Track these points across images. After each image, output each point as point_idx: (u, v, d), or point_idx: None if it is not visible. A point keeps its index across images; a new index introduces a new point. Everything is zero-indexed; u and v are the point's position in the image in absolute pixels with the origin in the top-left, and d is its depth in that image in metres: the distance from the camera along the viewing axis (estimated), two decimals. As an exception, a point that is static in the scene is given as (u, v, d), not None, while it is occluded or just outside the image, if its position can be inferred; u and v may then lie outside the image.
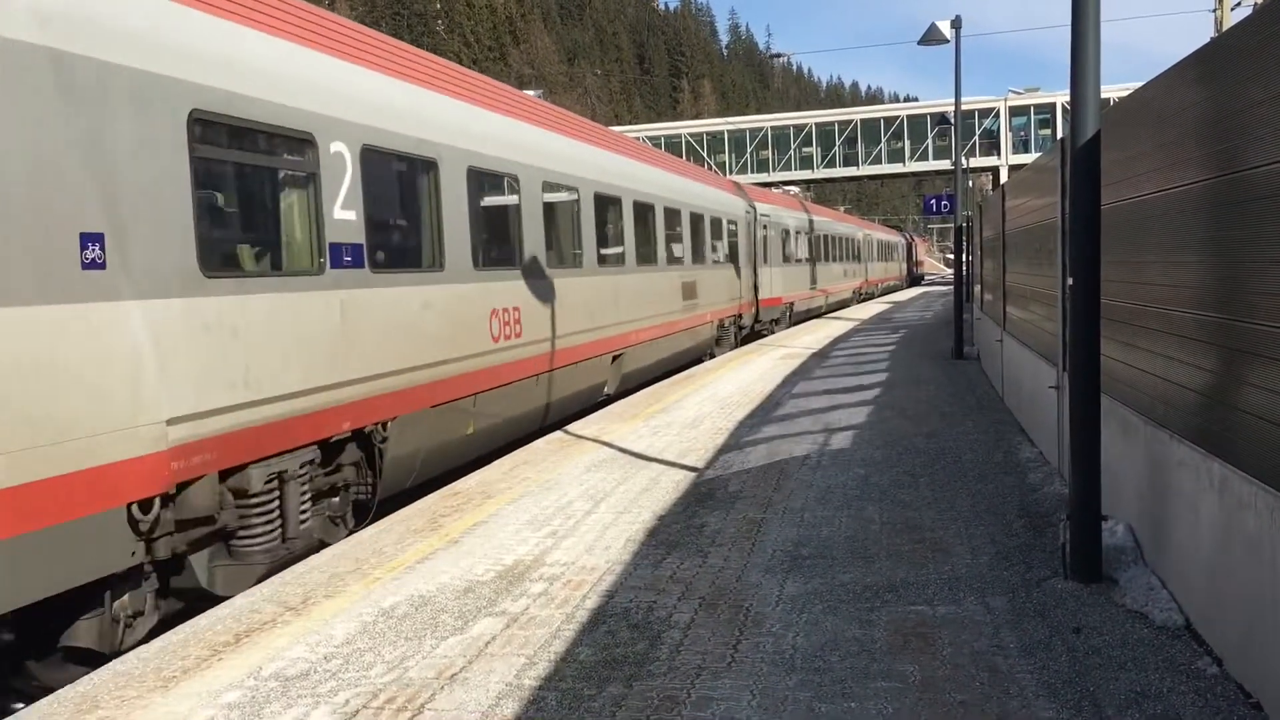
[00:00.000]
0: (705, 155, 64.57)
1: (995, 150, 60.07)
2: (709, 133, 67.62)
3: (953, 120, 21.29)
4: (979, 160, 58.93)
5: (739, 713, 4.18)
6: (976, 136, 59.16)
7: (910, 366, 17.34)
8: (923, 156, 62.43)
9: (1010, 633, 4.94)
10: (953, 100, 20.04)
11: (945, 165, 58.95)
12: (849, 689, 4.36)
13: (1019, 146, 59.36)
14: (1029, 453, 9.39)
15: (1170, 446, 5.19)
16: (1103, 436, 5.68)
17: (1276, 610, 3.83)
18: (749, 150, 65.20)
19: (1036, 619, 5.12)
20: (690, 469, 9.23)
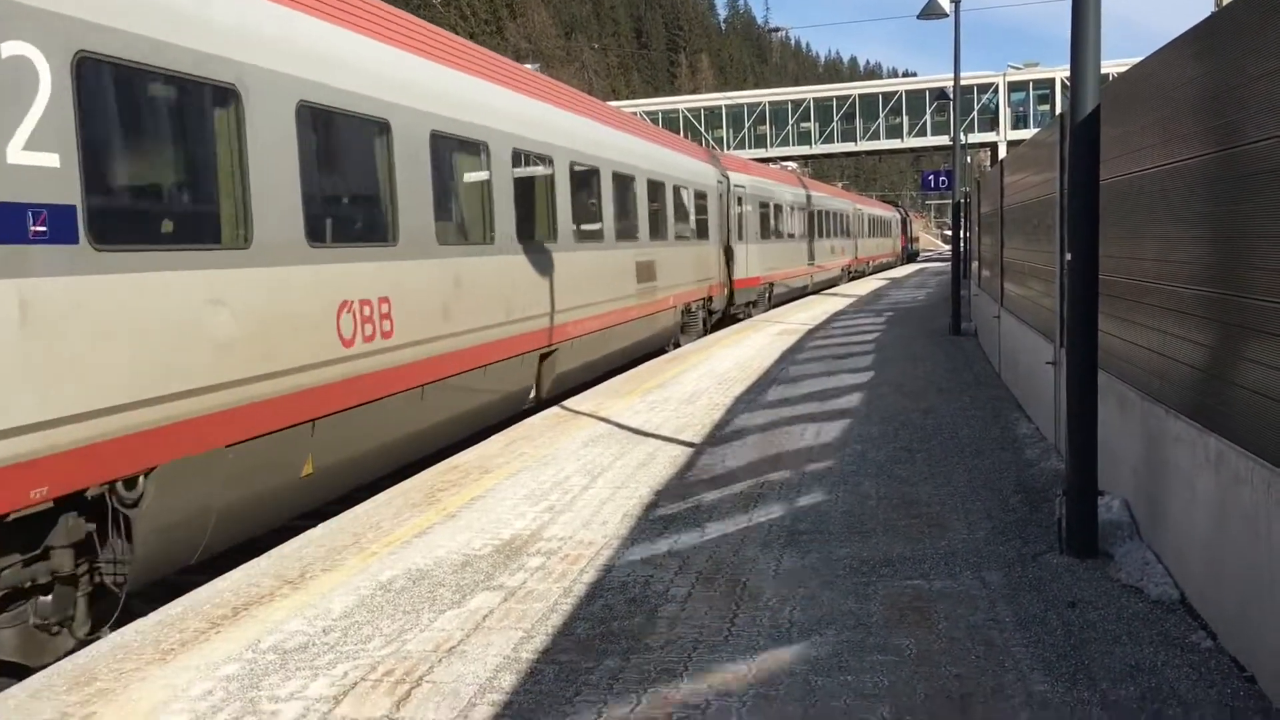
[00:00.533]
0: (703, 131, 64.35)
1: (994, 126, 59.91)
2: (707, 108, 67.33)
3: (952, 96, 21.18)
4: (977, 136, 58.79)
5: (735, 686, 4.21)
6: (975, 112, 58.95)
7: (907, 343, 17.34)
8: (921, 132, 62.26)
9: (1006, 607, 4.97)
10: (952, 75, 19.95)
11: (944, 141, 58.73)
12: (845, 662, 4.38)
13: (1018, 122, 59.21)
14: (1026, 428, 9.41)
15: (1167, 422, 5.20)
16: (1099, 412, 5.69)
17: (1271, 584, 3.85)
18: (747, 125, 64.95)
19: (1032, 593, 5.14)
20: (687, 444, 9.25)
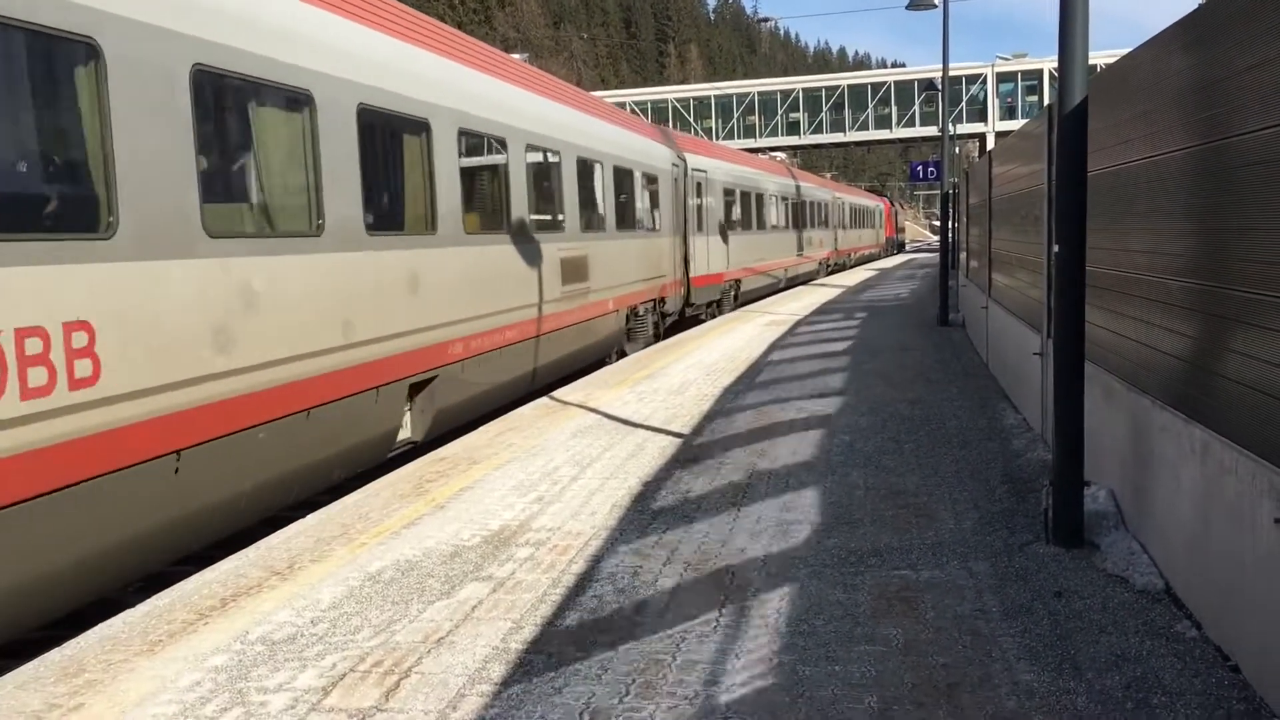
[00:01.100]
0: (692, 121, 64.26)
1: (982, 117, 60.00)
2: (696, 98, 67.25)
3: (940, 86, 21.19)
4: (966, 127, 58.86)
5: (724, 675, 4.22)
6: (964, 103, 59.01)
7: (895, 333, 17.38)
8: (910, 123, 62.35)
9: (993, 597, 4.99)
10: (940, 66, 19.97)
11: (932, 131, 58.88)
12: (833, 652, 4.40)
13: (1006, 113, 59.31)
14: (1013, 419, 9.45)
15: (1152, 412, 5.22)
16: (1086, 402, 5.72)
17: (1255, 574, 3.88)
18: (735, 115, 64.88)
19: (1019, 583, 5.17)
20: (676, 435, 9.26)
